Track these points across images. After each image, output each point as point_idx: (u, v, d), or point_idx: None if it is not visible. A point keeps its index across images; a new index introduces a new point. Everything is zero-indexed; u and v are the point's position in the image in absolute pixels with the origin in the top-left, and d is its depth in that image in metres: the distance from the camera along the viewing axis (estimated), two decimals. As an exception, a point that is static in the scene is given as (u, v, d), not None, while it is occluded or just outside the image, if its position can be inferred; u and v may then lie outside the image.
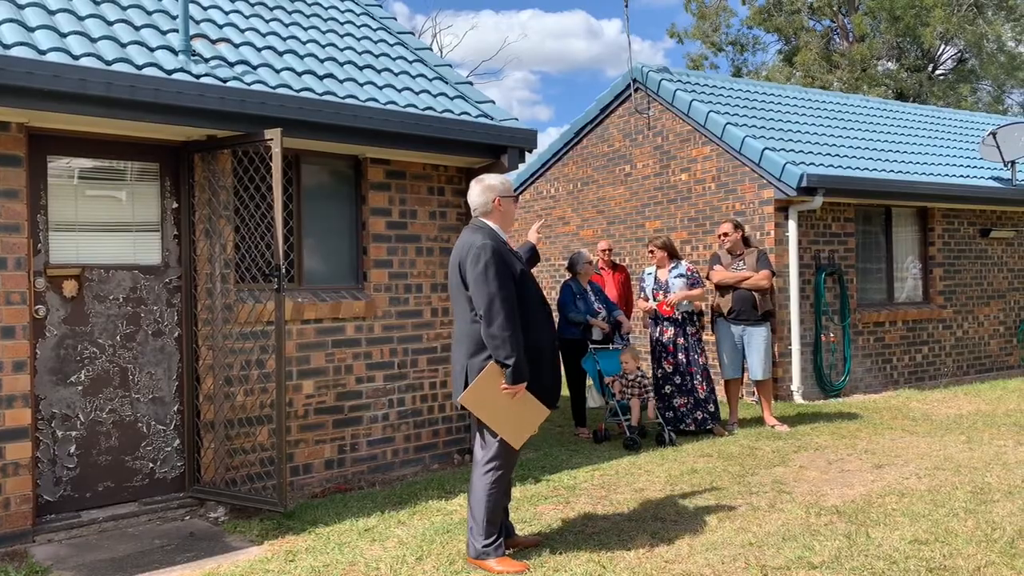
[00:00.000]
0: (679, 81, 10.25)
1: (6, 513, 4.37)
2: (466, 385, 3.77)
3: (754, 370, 7.14)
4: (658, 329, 7.08)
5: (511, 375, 3.67)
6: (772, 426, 7.11)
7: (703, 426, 6.90)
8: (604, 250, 9.08)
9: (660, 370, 7.03)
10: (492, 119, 6.06)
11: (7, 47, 4.21)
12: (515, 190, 12.92)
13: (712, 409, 6.96)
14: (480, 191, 3.96)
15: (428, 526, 4.53)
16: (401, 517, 4.70)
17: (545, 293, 12.35)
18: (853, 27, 23.11)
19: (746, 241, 7.42)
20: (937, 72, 24.22)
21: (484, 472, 3.85)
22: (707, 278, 7.40)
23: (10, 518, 4.38)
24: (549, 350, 3.93)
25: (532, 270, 4.12)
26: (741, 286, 7.12)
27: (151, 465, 5.02)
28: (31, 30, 4.50)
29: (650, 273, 7.29)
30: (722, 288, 7.23)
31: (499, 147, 6.00)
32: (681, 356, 6.98)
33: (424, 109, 5.72)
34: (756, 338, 7.13)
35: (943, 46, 22.81)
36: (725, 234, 7.31)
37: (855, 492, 5.01)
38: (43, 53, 4.30)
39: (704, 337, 7.40)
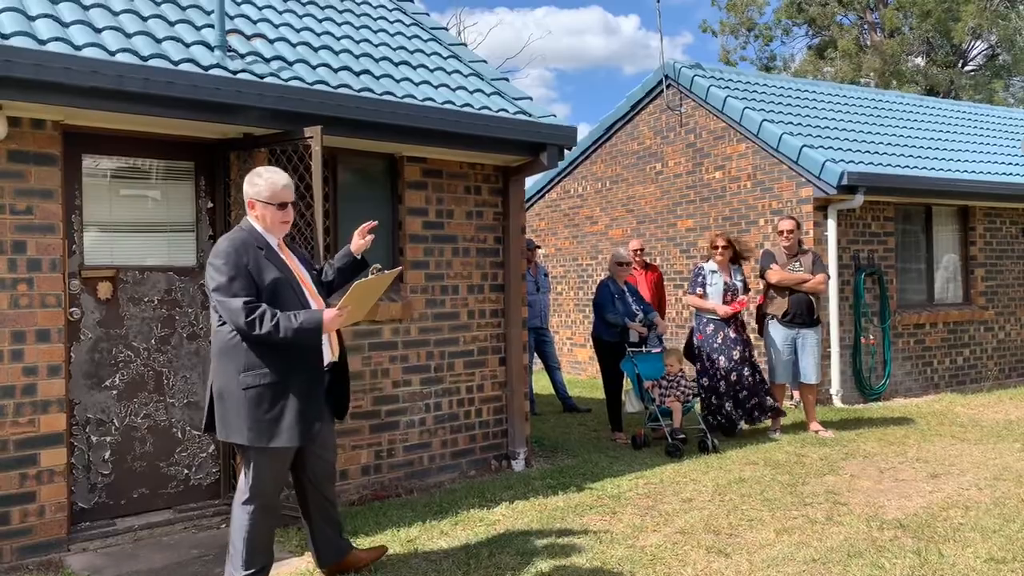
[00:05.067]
0: (712, 77, 10.04)
1: (41, 521, 4.26)
2: (212, 414, 3.45)
3: (808, 374, 6.94)
4: (726, 330, 6.85)
5: (303, 338, 3.27)
6: (816, 431, 6.90)
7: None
8: (636, 250, 8.87)
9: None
10: (530, 116, 5.89)
11: (43, 43, 4.09)
12: (542, 189, 12.76)
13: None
14: (244, 186, 3.52)
15: (471, 536, 4.38)
16: (443, 527, 4.55)
17: (573, 292, 12.25)
18: (883, 22, 22.71)
19: (799, 242, 7.18)
20: (967, 68, 23.77)
21: (241, 502, 3.45)
22: (761, 277, 7.17)
23: (45, 526, 4.26)
24: (301, 378, 3.36)
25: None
26: (800, 288, 6.89)
27: (186, 471, 4.90)
28: (66, 26, 4.37)
29: (714, 271, 6.95)
30: (778, 290, 7.00)
31: (538, 144, 5.83)
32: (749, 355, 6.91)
33: (462, 106, 5.56)
34: (810, 341, 6.92)
35: (974, 41, 22.38)
36: (790, 231, 7.01)
37: (915, 504, 4.80)
38: (78, 49, 4.17)
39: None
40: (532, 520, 4.63)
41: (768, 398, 6.85)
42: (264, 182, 3.47)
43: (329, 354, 3.55)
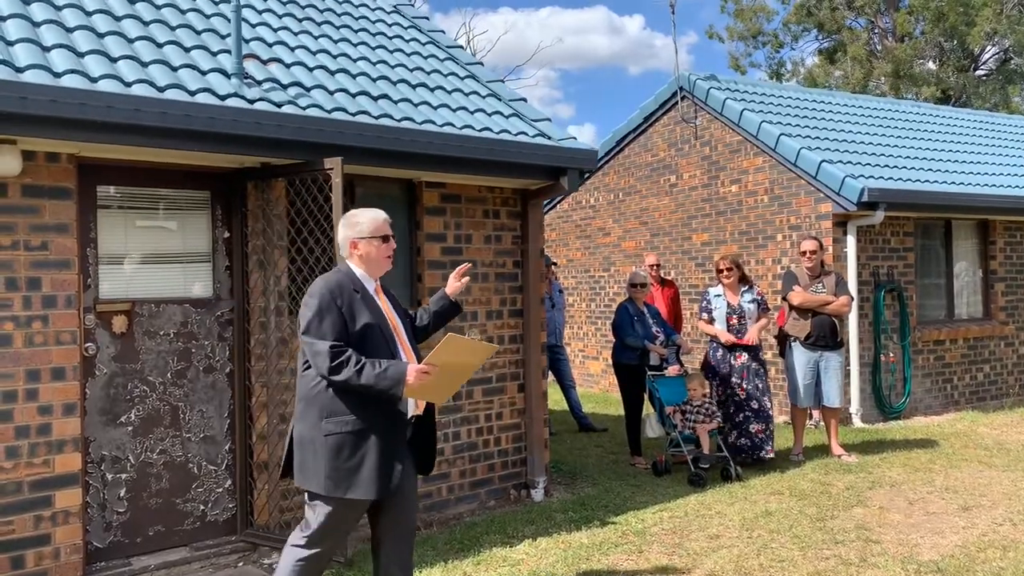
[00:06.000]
0: (728, 89, 9.91)
1: (56, 564, 4.16)
2: (290, 459, 3.33)
3: (831, 397, 6.80)
4: (731, 355, 6.71)
5: (383, 388, 3.12)
6: (839, 456, 6.77)
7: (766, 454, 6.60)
8: (652, 265, 8.76)
9: (735, 396, 6.63)
10: (550, 138, 5.78)
11: (58, 75, 3.99)
12: (554, 200, 12.63)
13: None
14: (340, 230, 3.44)
15: (495, 578, 4.27)
16: (466, 568, 4.44)
17: (585, 304, 12.10)
18: (894, 26, 22.50)
19: (821, 262, 7.04)
20: (978, 72, 23.55)
21: (295, 544, 3.30)
22: (784, 299, 7.03)
23: (60, 569, 4.17)
24: (384, 429, 3.21)
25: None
26: (823, 311, 6.76)
27: (202, 507, 4.80)
28: (81, 56, 4.27)
29: (719, 295, 6.81)
30: (800, 311, 6.86)
31: (558, 168, 5.72)
32: (757, 381, 6.67)
33: (481, 130, 5.45)
34: (833, 363, 6.79)
35: (987, 46, 22.16)
36: (812, 252, 6.86)
37: (949, 542, 4.68)
38: (95, 80, 4.07)
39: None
40: (556, 560, 4.52)
41: (752, 440, 6.53)
42: (366, 219, 3.41)
43: (413, 406, 3.38)
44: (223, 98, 4.43)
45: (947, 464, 6.53)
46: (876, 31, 23.79)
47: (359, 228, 3.39)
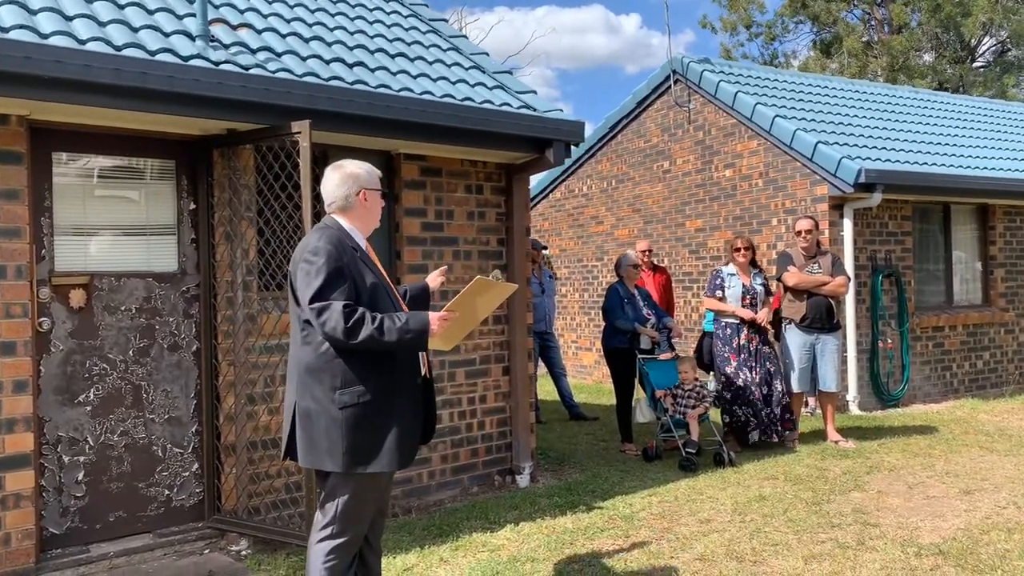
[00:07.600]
0: (722, 72, 9.70)
1: (6, 550, 3.93)
2: (293, 439, 3.02)
3: (827, 381, 6.58)
4: (741, 335, 6.48)
5: (407, 342, 2.87)
6: (836, 442, 6.55)
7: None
8: (644, 251, 8.54)
9: (756, 378, 6.42)
10: (535, 110, 5.55)
11: (5, 30, 3.75)
12: (545, 188, 12.42)
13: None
14: (339, 181, 3.07)
15: (473, 564, 4.04)
16: (443, 553, 4.21)
17: (578, 294, 11.87)
18: (890, 17, 22.29)
19: (817, 242, 6.82)
20: (976, 64, 23.36)
21: (322, 538, 3.01)
22: (778, 280, 6.82)
23: (11, 555, 3.94)
24: (402, 395, 2.98)
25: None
26: (819, 291, 6.54)
27: (167, 492, 4.56)
28: (33, 12, 4.04)
29: (733, 274, 6.59)
30: (795, 293, 6.65)
31: (544, 140, 5.49)
32: (770, 366, 6.53)
33: (462, 99, 5.22)
34: (830, 346, 6.57)
35: (984, 37, 21.96)
36: (807, 231, 6.64)
37: (950, 525, 4.46)
38: (45, 37, 3.84)
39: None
40: (539, 545, 4.29)
41: (786, 414, 6.49)
42: (365, 169, 3.12)
43: (424, 368, 3.13)
44: (185, 59, 4.20)
45: (947, 449, 6.31)
46: (872, 23, 23.58)
47: (367, 179, 3.10)
